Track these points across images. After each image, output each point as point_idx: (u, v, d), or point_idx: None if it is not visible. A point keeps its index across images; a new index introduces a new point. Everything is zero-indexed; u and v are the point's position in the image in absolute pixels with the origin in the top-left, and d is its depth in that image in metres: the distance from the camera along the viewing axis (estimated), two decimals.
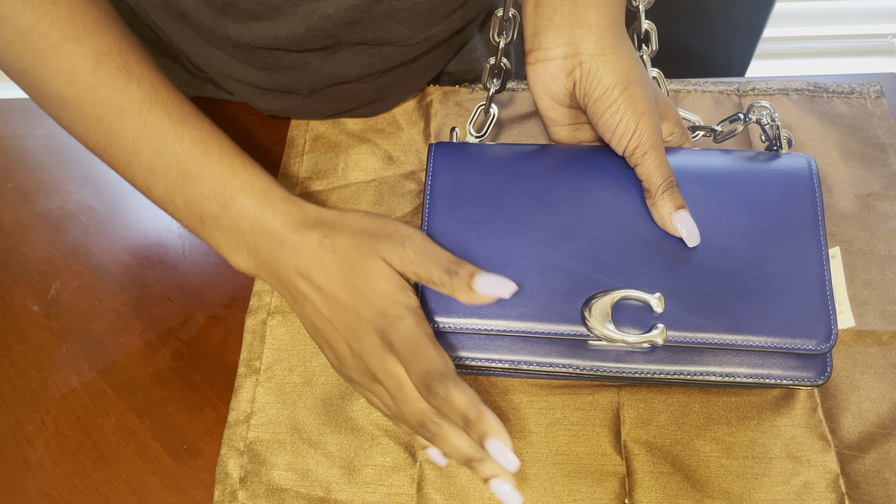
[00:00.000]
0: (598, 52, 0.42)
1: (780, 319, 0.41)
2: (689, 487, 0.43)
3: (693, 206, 0.43)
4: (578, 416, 0.46)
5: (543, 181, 0.45)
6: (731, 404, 0.46)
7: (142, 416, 0.48)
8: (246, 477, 0.45)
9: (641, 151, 0.42)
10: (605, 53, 0.42)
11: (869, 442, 0.45)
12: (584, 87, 0.43)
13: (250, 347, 0.50)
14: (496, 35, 0.49)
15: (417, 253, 0.40)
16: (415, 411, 0.38)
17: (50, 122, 0.62)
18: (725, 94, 0.60)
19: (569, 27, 0.43)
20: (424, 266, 0.40)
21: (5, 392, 0.49)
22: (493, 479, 0.37)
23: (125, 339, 0.51)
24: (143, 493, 0.45)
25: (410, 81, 0.59)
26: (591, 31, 0.42)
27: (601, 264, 0.42)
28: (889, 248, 0.52)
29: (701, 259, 0.42)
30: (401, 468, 0.45)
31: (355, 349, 0.40)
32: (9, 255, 0.55)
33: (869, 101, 0.60)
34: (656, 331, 0.40)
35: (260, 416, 0.47)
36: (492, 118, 0.50)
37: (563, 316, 0.41)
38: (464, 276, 0.39)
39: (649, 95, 0.43)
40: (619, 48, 0.43)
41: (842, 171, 0.56)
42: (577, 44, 0.42)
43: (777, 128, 0.47)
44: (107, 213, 0.57)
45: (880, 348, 0.48)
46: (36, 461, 0.46)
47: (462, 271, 0.39)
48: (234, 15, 0.47)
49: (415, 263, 0.40)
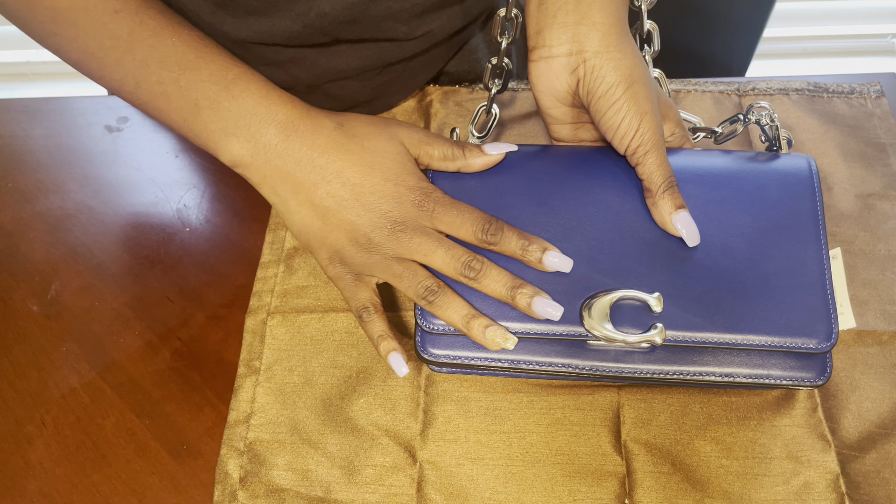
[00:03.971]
0: (603, 50, 0.42)
1: (781, 319, 0.41)
2: (690, 487, 0.43)
3: (693, 206, 0.43)
4: (578, 416, 0.46)
5: (543, 182, 0.45)
6: (732, 404, 0.46)
7: (142, 416, 0.48)
8: (246, 477, 0.45)
9: (643, 150, 0.42)
10: (609, 51, 0.42)
11: (869, 442, 0.45)
12: (588, 85, 0.43)
13: (250, 347, 0.50)
14: (498, 35, 0.49)
15: (428, 134, 0.45)
16: (458, 255, 0.41)
17: (50, 122, 0.62)
18: (725, 94, 0.60)
19: (573, 25, 0.43)
20: (435, 144, 0.44)
21: (5, 392, 0.49)
22: (536, 297, 0.40)
23: (125, 339, 0.51)
24: (143, 493, 0.45)
25: (410, 80, 0.59)
26: (596, 29, 0.42)
27: (600, 264, 0.42)
28: (889, 248, 0.52)
29: (700, 259, 0.42)
30: (401, 468, 0.45)
31: (386, 221, 0.42)
32: (9, 255, 0.55)
33: (869, 101, 0.60)
34: (655, 330, 0.40)
35: (260, 417, 0.47)
36: (493, 119, 0.50)
37: (563, 316, 0.41)
38: (472, 146, 0.44)
39: (652, 95, 0.43)
40: (623, 46, 0.43)
41: (842, 171, 0.56)
42: (582, 41, 0.42)
43: (776, 128, 0.47)
44: (107, 213, 0.57)
45: (880, 348, 0.48)
46: (36, 461, 0.46)
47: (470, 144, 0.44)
48: (233, 10, 0.47)
49: (426, 143, 0.44)
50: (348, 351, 0.49)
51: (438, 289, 0.41)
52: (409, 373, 0.48)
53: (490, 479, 0.44)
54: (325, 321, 0.50)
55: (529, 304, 0.40)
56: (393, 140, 0.43)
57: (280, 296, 0.51)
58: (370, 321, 0.44)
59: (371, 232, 0.42)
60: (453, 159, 0.44)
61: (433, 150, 0.44)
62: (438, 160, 0.44)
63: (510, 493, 0.44)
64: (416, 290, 0.42)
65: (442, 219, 0.42)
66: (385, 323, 0.44)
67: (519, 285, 0.41)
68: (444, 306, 0.41)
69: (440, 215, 0.42)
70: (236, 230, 0.56)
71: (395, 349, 0.43)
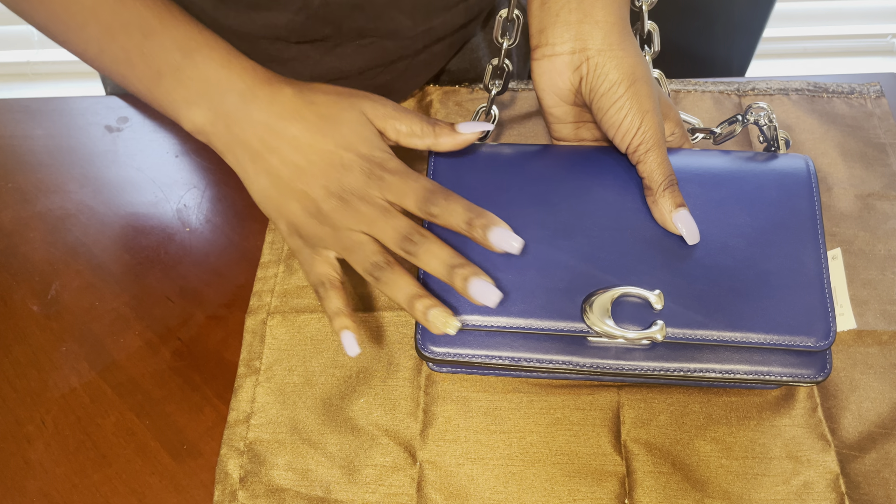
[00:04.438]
0: (605, 48, 0.42)
1: (779, 317, 0.41)
2: (689, 487, 0.43)
3: (692, 205, 0.43)
4: (578, 416, 0.46)
5: (544, 181, 0.45)
6: (731, 404, 0.46)
7: (142, 416, 0.48)
8: (246, 477, 0.45)
9: (645, 148, 0.42)
10: (611, 49, 0.42)
11: (869, 442, 0.45)
12: (591, 83, 0.43)
13: (250, 347, 0.50)
14: (500, 36, 0.49)
15: (396, 108, 0.42)
16: (401, 226, 0.39)
17: (50, 121, 0.62)
18: (725, 94, 0.60)
19: (576, 23, 0.43)
20: (404, 118, 0.42)
21: (5, 392, 0.49)
22: (473, 278, 0.38)
23: (125, 339, 0.51)
24: (143, 493, 0.45)
25: (412, 79, 0.59)
26: (599, 28, 0.42)
27: (601, 262, 0.42)
28: (889, 248, 0.52)
29: (700, 257, 0.42)
30: (401, 468, 0.45)
31: (334, 189, 0.40)
32: (9, 255, 0.55)
33: (869, 101, 0.60)
34: (656, 327, 0.40)
35: (260, 416, 0.47)
36: (493, 119, 0.50)
37: (564, 312, 0.41)
38: (444, 124, 0.43)
39: (654, 93, 0.43)
40: (626, 45, 0.43)
41: (842, 171, 0.56)
42: (585, 39, 0.43)
43: (775, 128, 0.47)
44: (107, 213, 0.57)
45: (880, 348, 0.48)
46: (36, 461, 0.46)
47: (442, 122, 0.43)
48: (235, 4, 0.47)
49: (394, 118, 0.42)
50: None
51: (386, 265, 0.40)
52: (409, 373, 0.48)
53: (490, 478, 0.44)
54: (325, 321, 0.50)
55: (466, 286, 0.38)
56: (353, 109, 0.42)
57: (280, 296, 0.52)
58: (326, 297, 0.42)
59: (321, 201, 0.41)
60: (422, 136, 0.42)
61: (400, 125, 0.42)
62: (406, 136, 0.43)
63: (510, 492, 0.44)
64: (363, 265, 0.40)
65: (390, 188, 0.40)
66: (342, 299, 0.42)
67: (459, 264, 0.38)
68: (390, 283, 0.40)
69: (388, 184, 0.40)
70: (236, 230, 0.56)
71: (347, 327, 0.42)
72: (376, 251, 0.40)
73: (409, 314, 0.40)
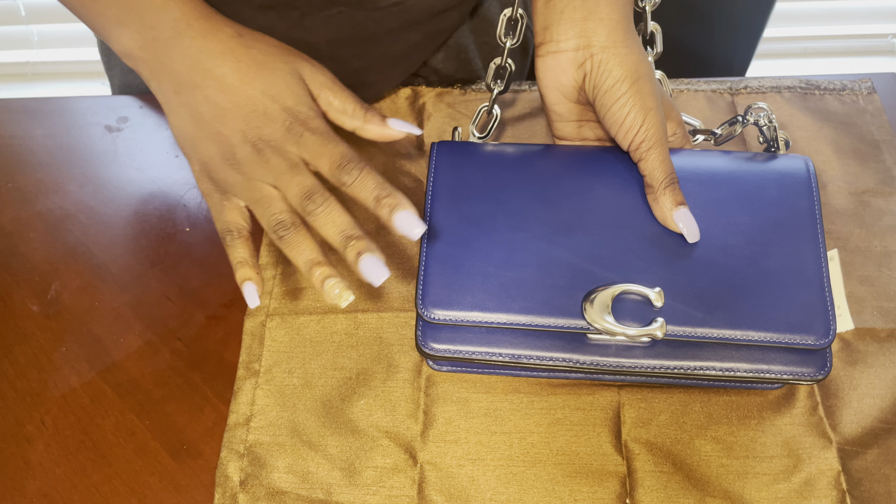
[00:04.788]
0: (609, 45, 0.43)
1: (779, 315, 0.41)
2: (690, 487, 0.43)
3: (693, 204, 0.43)
4: (579, 416, 0.46)
5: (544, 179, 0.45)
6: (732, 404, 0.46)
7: (142, 416, 0.48)
8: (246, 480, 0.45)
9: (647, 146, 0.42)
10: (615, 47, 0.42)
11: (870, 438, 0.45)
12: (595, 79, 0.43)
13: (249, 350, 0.49)
14: (503, 35, 0.49)
15: (335, 81, 0.41)
16: (307, 184, 0.38)
17: (50, 121, 0.62)
18: (718, 92, 0.61)
19: (581, 20, 0.43)
20: (339, 93, 0.41)
21: (5, 392, 0.49)
22: (367, 253, 0.37)
23: (125, 339, 0.51)
24: (143, 493, 0.45)
25: (388, 70, 0.58)
26: (603, 25, 0.43)
27: (601, 259, 0.42)
28: (885, 245, 0.52)
29: (700, 255, 0.42)
30: (401, 470, 0.45)
31: (251, 137, 0.39)
32: (9, 255, 0.55)
33: (861, 98, 0.60)
34: (656, 324, 0.40)
35: (259, 419, 0.47)
36: (495, 119, 0.50)
37: (564, 309, 0.41)
38: (377, 112, 0.42)
39: (657, 91, 0.43)
40: (629, 42, 0.43)
41: (836, 168, 0.56)
42: (589, 36, 0.43)
43: (775, 129, 0.47)
44: (107, 213, 0.57)
45: (878, 345, 0.48)
46: (36, 461, 0.46)
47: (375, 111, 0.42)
48: None
49: (330, 89, 0.41)
50: (348, 352, 0.49)
51: (291, 225, 0.39)
52: (409, 374, 0.48)
53: (491, 479, 0.44)
54: (324, 323, 0.50)
55: (357, 260, 0.37)
56: (289, 64, 0.41)
57: (279, 297, 0.51)
58: (232, 245, 0.41)
59: (236, 146, 0.40)
60: (352, 116, 0.42)
61: (334, 99, 0.41)
62: (336, 111, 0.42)
63: (511, 493, 0.44)
64: (268, 221, 0.39)
65: (307, 146, 0.39)
66: (248, 249, 0.41)
67: (357, 236, 0.38)
68: (292, 244, 0.39)
69: (306, 142, 0.39)
70: None
71: (250, 278, 0.41)
72: (284, 210, 0.39)
73: (306, 278, 0.39)
